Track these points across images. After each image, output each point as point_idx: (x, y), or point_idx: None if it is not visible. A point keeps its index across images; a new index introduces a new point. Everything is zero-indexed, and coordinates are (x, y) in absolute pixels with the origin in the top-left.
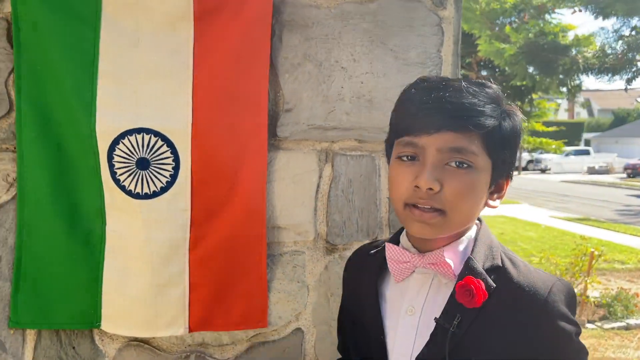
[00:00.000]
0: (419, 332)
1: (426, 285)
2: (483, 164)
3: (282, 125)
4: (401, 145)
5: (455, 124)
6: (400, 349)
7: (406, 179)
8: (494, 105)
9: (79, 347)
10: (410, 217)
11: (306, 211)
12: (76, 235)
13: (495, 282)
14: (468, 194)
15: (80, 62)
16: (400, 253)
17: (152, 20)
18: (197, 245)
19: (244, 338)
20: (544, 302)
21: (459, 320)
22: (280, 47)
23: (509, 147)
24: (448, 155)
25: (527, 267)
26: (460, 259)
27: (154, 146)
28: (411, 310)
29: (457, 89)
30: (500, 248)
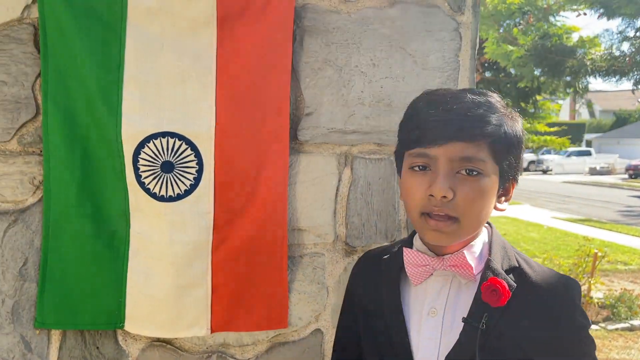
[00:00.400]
0: (444, 332)
1: (446, 287)
2: (491, 169)
3: (302, 129)
4: (413, 157)
5: (463, 134)
6: (425, 350)
7: (420, 188)
8: (498, 114)
9: (103, 347)
10: (425, 226)
11: (326, 214)
12: (101, 237)
13: (515, 281)
14: (479, 199)
15: (106, 67)
16: (419, 257)
17: (176, 25)
18: (220, 247)
19: (265, 339)
20: (561, 298)
21: (486, 319)
22: (301, 52)
23: (513, 152)
24: (458, 164)
25: (539, 266)
26: (478, 261)
27: (178, 150)
28: (433, 312)
29: (463, 100)
30: (513, 250)
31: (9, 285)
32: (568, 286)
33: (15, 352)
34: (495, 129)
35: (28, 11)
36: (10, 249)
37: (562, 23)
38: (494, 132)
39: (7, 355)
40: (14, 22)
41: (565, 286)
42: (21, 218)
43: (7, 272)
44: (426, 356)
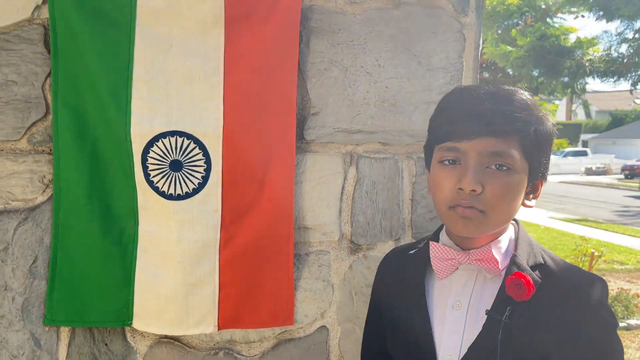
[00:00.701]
0: (467, 325)
1: (471, 281)
2: (521, 166)
3: (308, 129)
4: (443, 150)
5: (494, 129)
6: (448, 342)
7: (449, 182)
8: (529, 112)
9: (112, 344)
10: (454, 216)
11: (331, 212)
12: (110, 235)
13: (540, 277)
14: (508, 194)
15: (116, 67)
16: (445, 251)
17: (184, 26)
18: (227, 245)
19: (271, 335)
20: (587, 295)
21: (510, 312)
22: (307, 53)
23: (544, 150)
24: (488, 158)
25: (565, 263)
26: (503, 257)
27: (187, 148)
28: (458, 305)
29: (494, 96)
30: (539, 247)
31: (19, 283)
32: (594, 284)
33: (25, 348)
34: (525, 125)
35: (38, 12)
36: (20, 246)
37: (560, 24)
38: (525, 128)
39: (17, 351)
40: (25, 23)
41: (591, 284)
42: (31, 216)
43: (17, 269)
44: (449, 348)
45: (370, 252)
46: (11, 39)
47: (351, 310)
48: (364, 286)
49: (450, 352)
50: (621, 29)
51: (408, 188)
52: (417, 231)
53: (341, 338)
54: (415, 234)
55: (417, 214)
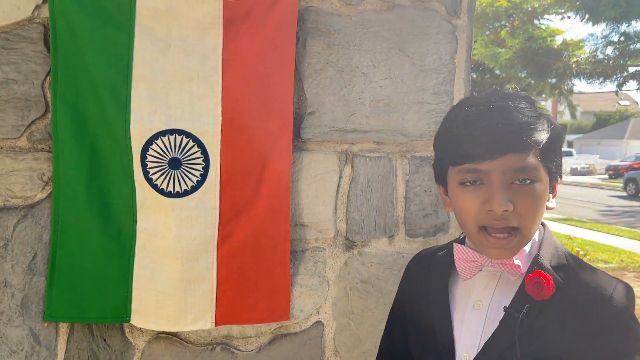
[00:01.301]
0: (487, 324)
1: (493, 282)
2: (542, 174)
3: (305, 128)
4: (462, 172)
5: (515, 146)
6: (467, 340)
7: (475, 202)
8: (542, 119)
9: (110, 340)
10: (485, 243)
11: (327, 209)
12: (108, 232)
13: (562, 279)
14: (538, 206)
15: (115, 66)
16: (469, 253)
17: (183, 26)
18: (225, 242)
19: (267, 331)
20: (610, 299)
21: (528, 310)
22: (304, 53)
23: (558, 152)
24: (512, 175)
25: (590, 267)
26: (527, 260)
27: (186, 147)
28: (479, 305)
29: (506, 109)
30: (564, 250)
31: (19, 279)
32: (619, 288)
33: (25, 344)
34: (543, 135)
35: (38, 11)
36: (19, 243)
37: (547, 26)
38: (543, 137)
39: (17, 347)
40: (25, 22)
41: (615, 288)
42: (30, 213)
43: (17, 266)
44: (467, 346)
45: (365, 249)
46: (11, 37)
47: (346, 305)
48: (359, 282)
49: (468, 350)
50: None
51: (402, 186)
52: (411, 228)
53: (336, 333)
54: (409, 231)
55: (410, 211)
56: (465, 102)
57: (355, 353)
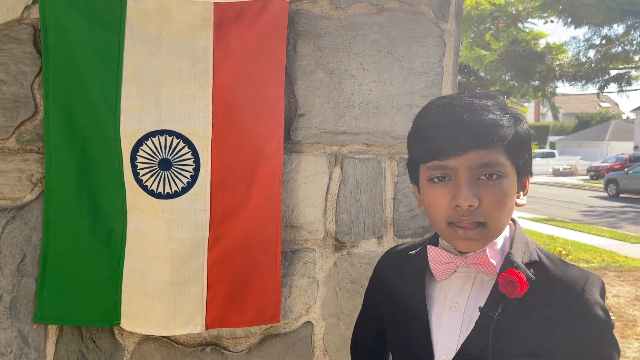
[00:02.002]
0: (464, 325)
1: (469, 283)
2: (509, 170)
3: (295, 130)
4: (431, 169)
5: (480, 142)
6: (445, 342)
7: (443, 199)
8: (508, 116)
9: (99, 341)
10: (454, 235)
11: (317, 211)
12: (98, 234)
13: (535, 275)
14: (504, 201)
15: (106, 67)
16: (443, 254)
17: (173, 28)
18: (216, 244)
19: (257, 331)
20: (581, 292)
21: (502, 309)
22: (294, 56)
23: (526, 149)
24: (478, 171)
25: (562, 261)
26: (500, 257)
27: (176, 147)
28: (455, 307)
29: (472, 107)
30: (535, 245)
31: (7, 281)
32: (589, 281)
33: (13, 346)
34: (508, 131)
35: (28, 12)
36: (8, 245)
37: (531, 29)
38: (508, 134)
39: (5, 349)
40: (14, 22)
41: (586, 281)
42: (19, 215)
43: (6, 267)
44: (445, 348)
45: (354, 250)
46: (1, 38)
47: (335, 305)
48: (348, 282)
49: (447, 353)
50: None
51: (390, 187)
52: (399, 229)
53: (326, 333)
54: (397, 232)
55: (398, 212)
56: (434, 101)
57: (345, 353)
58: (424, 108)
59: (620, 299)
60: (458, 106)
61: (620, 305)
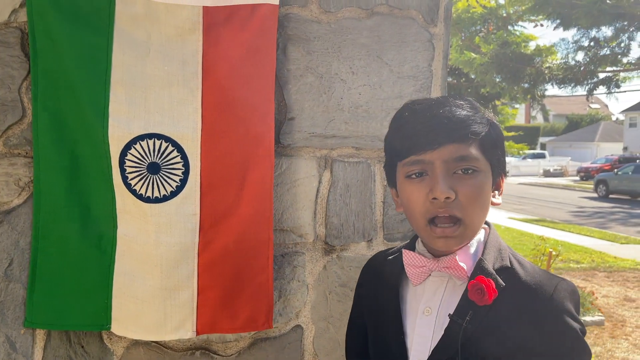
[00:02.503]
0: (436, 330)
1: (442, 287)
2: (484, 166)
3: (284, 133)
4: (407, 165)
5: (454, 135)
6: (418, 346)
7: (421, 194)
8: (480, 114)
9: (88, 346)
10: (432, 234)
11: (306, 214)
12: (88, 238)
13: (505, 281)
14: (479, 195)
15: (94, 70)
16: (417, 258)
17: (162, 32)
18: (206, 248)
19: (247, 335)
20: (549, 299)
21: (471, 316)
22: (284, 60)
23: (499, 148)
24: (454, 164)
25: (533, 267)
26: (472, 261)
27: (165, 151)
28: (428, 311)
29: (446, 104)
30: (508, 250)
31: None
32: (558, 288)
33: (1, 352)
34: (482, 127)
35: (15, 15)
36: None
37: (521, 32)
38: (482, 130)
39: None
40: (1, 26)
41: (556, 288)
42: (7, 219)
43: None
44: (418, 352)
45: (344, 253)
46: None
47: (325, 309)
48: (338, 286)
49: (420, 357)
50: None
51: (380, 191)
52: (389, 232)
53: (315, 337)
54: (387, 235)
55: (388, 215)
56: (409, 102)
57: (334, 356)
58: (399, 109)
59: (610, 299)
60: (432, 104)
61: (610, 305)
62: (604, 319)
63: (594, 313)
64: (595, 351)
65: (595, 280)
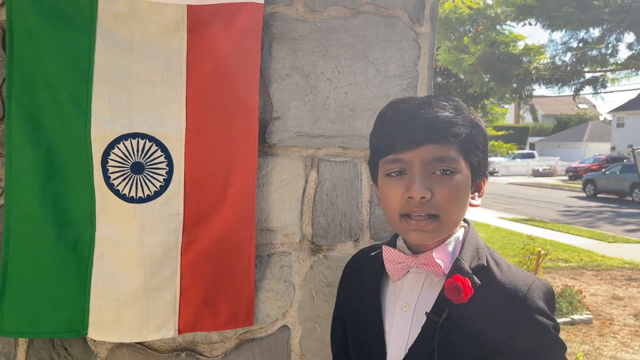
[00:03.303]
0: (413, 326)
1: (419, 284)
2: (463, 167)
3: (270, 133)
4: (387, 163)
5: (434, 136)
6: (396, 342)
7: (397, 192)
8: (463, 116)
9: (71, 348)
10: (407, 227)
11: (293, 214)
12: (64, 242)
13: (481, 280)
14: (456, 196)
15: (75, 69)
16: (396, 255)
17: (146, 30)
18: (189, 248)
19: (233, 336)
20: (523, 298)
21: (447, 314)
22: (269, 59)
23: (481, 150)
24: (432, 165)
25: (509, 267)
26: (450, 259)
27: (149, 151)
28: (406, 307)
29: (429, 105)
30: (485, 250)
31: None
32: (532, 287)
33: None
34: (463, 129)
35: None
36: None
37: (510, 31)
38: (462, 132)
39: None
40: None
41: (530, 287)
42: None
43: None
44: (396, 348)
45: (331, 253)
46: None
47: (312, 309)
48: (325, 286)
49: (397, 352)
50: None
51: (367, 190)
52: (376, 232)
53: (302, 337)
54: (374, 235)
55: (375, 215)
56: (394, 100)
57: (321, 356)
58: (384, 107)
59: (598, 297)
60: (416, 103)
61: (598, 304)
62: (592, 318)
63: (582, 311)
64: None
65: (583, 278)
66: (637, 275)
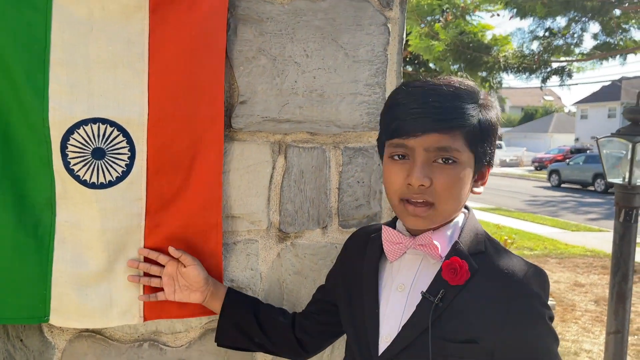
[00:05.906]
0: (407, 306)
1: (416, 265)
2: (466, 158)
3: (236, 117)
4: (392, 146)
5: (439, 126)
6: (389, 320)
7: (399, 176)
8: (474, 104)
9: (27, 340)
10: (404, 211)
11: (260, 201)
12: (23, 227)
13: (479, 265)
14: (455, 186)
15: (31, 50)
16: (395, 235)
17: (105, 9)
18: (152, 232)
19: (198, 325)
20: (519, 284)
21: (443, 295)
22: (235, 41)
23: (487, 139)
24: (435, 153)
25: (507, 253)
26: (447, 243)
27: (110, 136)
28: (401, 287)
29: (439, 92)
30: (484, 236)
31: None
32: (529, 274)
33: None
34: (469, 119)
35: None
36: None
37: (478, 22)
38: (469, 122)
39: None
40: None
41: (526, 274)
42: None
43: None
44: (389, 326)
45: (298, 240)
46: None
47: (279, 297)
48: (292, 274)
49: (390, 331)
50: (533, 27)
51: (335, 177)
52: (344, 219)
53: None
54: (342, 222)
55: (343, 202)
56: (408, 82)
57: None
58: (398, 86)
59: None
60: (427, 89)
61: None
62: (555, 304)
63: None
64: None
65: (547, 266)
66: (599, 262)
